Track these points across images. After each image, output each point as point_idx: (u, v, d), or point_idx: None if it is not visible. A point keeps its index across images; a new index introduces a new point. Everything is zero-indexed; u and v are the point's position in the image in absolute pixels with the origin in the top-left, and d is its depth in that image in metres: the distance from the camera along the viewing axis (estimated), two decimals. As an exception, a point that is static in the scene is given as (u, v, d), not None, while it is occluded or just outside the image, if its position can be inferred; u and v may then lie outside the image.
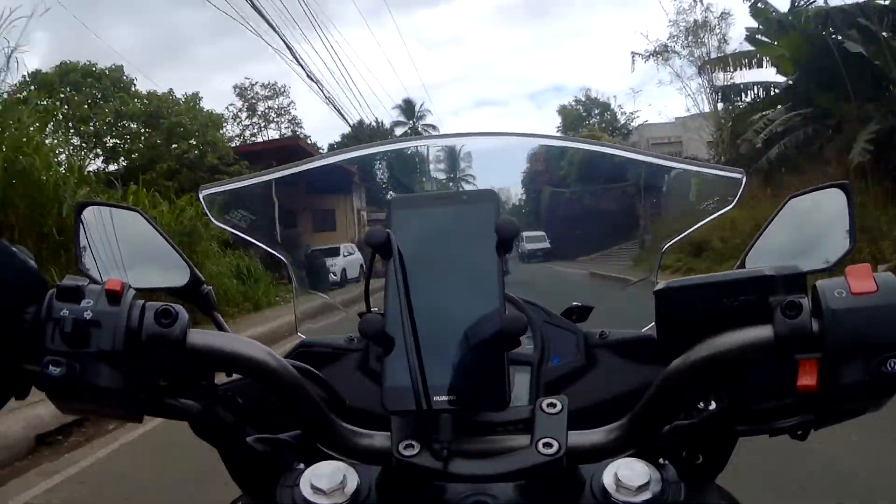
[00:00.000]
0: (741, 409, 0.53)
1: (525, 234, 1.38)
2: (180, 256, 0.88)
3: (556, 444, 0.52)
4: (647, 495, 0.54)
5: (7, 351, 0.49)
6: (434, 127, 43.65)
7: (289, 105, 37.58)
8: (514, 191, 1.20)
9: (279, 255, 0.91)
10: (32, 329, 0.49)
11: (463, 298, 0.55)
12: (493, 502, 0.54)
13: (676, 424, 0.55)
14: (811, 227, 0.84)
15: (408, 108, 43.73)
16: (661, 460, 0.57)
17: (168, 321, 0.51)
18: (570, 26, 75.47)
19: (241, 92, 36.06)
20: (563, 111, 43.04)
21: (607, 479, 0.55)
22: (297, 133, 34.99)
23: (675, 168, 0.88)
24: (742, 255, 0.84)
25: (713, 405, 0.55)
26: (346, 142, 35.75)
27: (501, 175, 1.09)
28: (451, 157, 1.17)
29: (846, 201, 0.79)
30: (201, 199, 0.85)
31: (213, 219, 0.87)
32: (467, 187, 0.99)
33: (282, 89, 36.40)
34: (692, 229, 0.89)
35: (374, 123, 38.91)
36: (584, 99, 43.10)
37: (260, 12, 16.11)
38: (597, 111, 41.98)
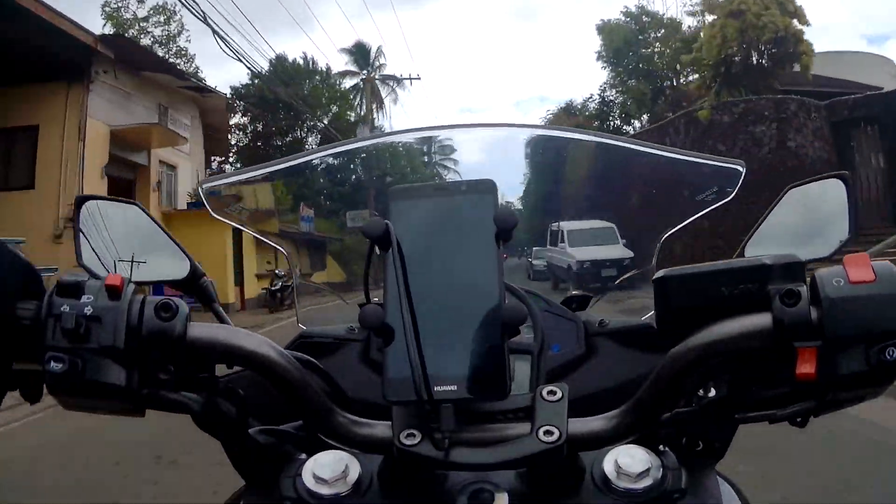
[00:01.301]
0: (741, 397, 0.53)
1: (565, 226, 1.02)
2: (180, 249, 0.89)
3: (556, 432, 0.52)
4: (647, 482, 0.54)
5: (2, 348, 0.49)
6: (394, 78, 34.82)
7: (178, 34, 25.90)
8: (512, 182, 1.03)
9: (277, 246, 0.91)
10: (33, 326, 0.49)
11: (463, 288, 0.55)
12: (494, 490, 0.54)
13: (676, 412, 0.56)
14: (810, 216, 0.85)
15: (360, 54, 33.26)
16: (661, 447, 0.57)
17: (168, 315, 0.51)
18: (558, 35, 74.18)
19: (110, 14, 24.66)
20: (606, 28, 26.24)
21: (608, 466, 0.55)
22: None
23: (676, 159, 0.87)
24: (741, 243, 0.84)
25: (713, 392, 0.56)
26: (256, 86, 28.23)
27: (501, 165, 1.02)
28: (433, 149, 1.11)
29: (846, 191, 0.79)
30: (201, 193, 0.85)
31: (212, 213, 0.87)
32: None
33: (172, 13, 25.23)
34: (690, 220, 0.89)
35: (300, 60, 31.07)
36: (636, 11, 25.61)
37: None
38: (655, 34, 25.07)
